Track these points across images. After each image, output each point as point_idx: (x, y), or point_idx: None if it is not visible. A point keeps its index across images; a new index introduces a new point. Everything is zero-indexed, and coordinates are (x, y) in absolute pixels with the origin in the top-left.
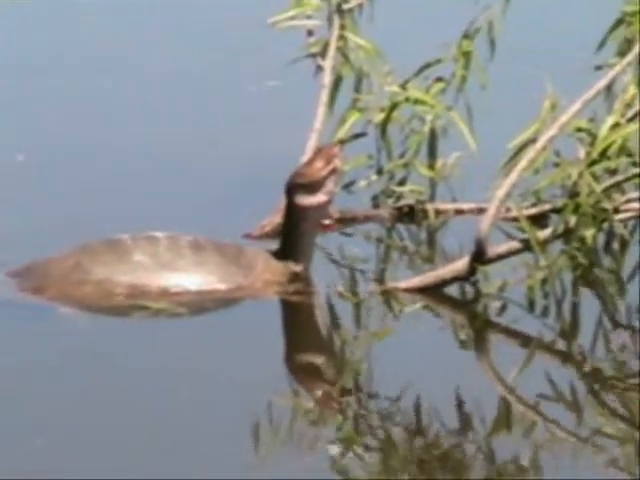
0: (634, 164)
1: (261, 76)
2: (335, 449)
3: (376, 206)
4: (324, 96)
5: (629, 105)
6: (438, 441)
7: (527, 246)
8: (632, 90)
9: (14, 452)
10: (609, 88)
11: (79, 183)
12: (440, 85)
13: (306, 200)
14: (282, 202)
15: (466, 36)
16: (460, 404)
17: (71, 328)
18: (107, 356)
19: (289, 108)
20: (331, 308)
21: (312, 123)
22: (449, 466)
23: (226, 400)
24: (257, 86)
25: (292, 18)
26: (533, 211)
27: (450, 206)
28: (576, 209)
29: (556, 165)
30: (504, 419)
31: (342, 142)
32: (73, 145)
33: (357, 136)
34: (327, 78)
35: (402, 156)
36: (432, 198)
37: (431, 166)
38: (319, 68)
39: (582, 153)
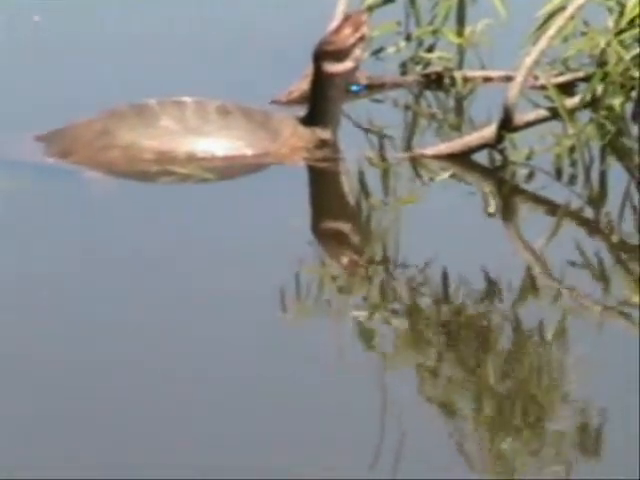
0: None
1: None
2: (361, 315)
3: (404, 73)
4: None
5: None
6: (464, 308)
7: (555, 114)
8: None
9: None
10: None
11: (103, 46)
12: None
13: (334, 67)
14: (310, 68)
15: None
16: (487, 272)
17: (97, 192)
18: (132, 220)
19: None
20: (359, 175)
21: None
22: (475, 332)
23: (251, 266)
24: None
25: None
26: (561, 79)
27: (478, 74)
28: (604, 77)
29: (584, 34)
30: (531, 287)
31: (371, 9)
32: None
33: (386, 2)
34: None
35: (431, 23)
36: (460, 65)
37: (460, 33)
38: None
39: (610, 22)
